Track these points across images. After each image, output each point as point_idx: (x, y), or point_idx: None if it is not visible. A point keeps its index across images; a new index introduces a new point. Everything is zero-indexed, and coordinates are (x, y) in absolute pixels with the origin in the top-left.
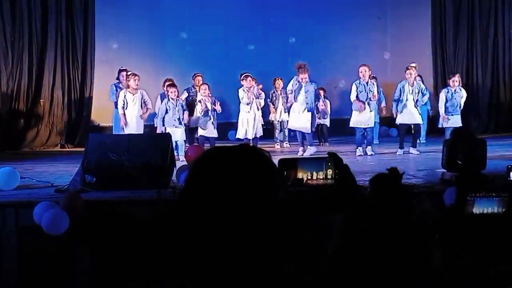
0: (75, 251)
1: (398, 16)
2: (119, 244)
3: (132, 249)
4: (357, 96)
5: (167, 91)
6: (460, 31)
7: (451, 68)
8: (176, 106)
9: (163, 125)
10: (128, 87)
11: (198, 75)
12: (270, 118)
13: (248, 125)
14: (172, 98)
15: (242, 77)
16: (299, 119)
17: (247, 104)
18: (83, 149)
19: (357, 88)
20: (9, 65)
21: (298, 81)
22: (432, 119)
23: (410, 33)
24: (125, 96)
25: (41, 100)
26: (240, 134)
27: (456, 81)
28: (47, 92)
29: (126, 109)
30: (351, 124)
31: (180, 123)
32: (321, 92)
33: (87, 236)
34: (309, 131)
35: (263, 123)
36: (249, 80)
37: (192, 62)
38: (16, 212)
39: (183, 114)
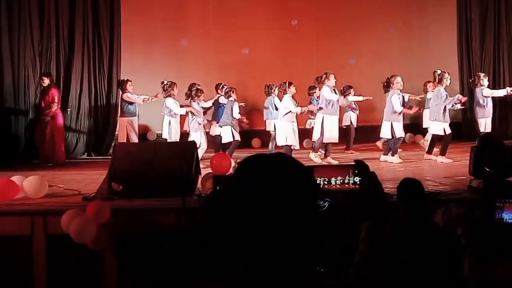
0: (104, 259)
1: (423, 21)
2: (146, 251)
3: (160, 256)
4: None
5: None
6: (486, 35)
7: (478, 72)
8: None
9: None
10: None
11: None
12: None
13: (294, 134)
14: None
15: (288, 84)
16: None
17: (295, 112)
18: (109, 157)
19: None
20: (37, 75)
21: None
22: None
23: (435, 38)
24: None
25: (68, 109)
26: (288, 141)
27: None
28: (74, 101)
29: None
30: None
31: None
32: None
33: (115, 244)
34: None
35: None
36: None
37: (218, 70)
38: (44, 220)
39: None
